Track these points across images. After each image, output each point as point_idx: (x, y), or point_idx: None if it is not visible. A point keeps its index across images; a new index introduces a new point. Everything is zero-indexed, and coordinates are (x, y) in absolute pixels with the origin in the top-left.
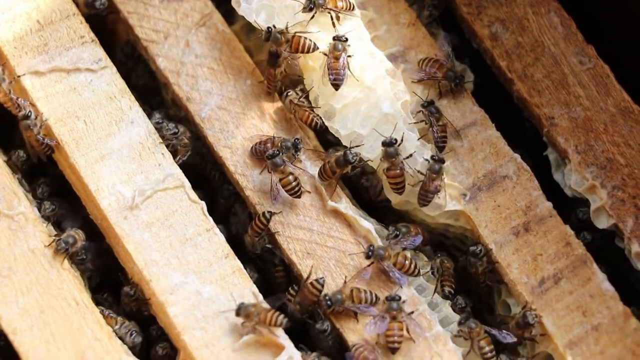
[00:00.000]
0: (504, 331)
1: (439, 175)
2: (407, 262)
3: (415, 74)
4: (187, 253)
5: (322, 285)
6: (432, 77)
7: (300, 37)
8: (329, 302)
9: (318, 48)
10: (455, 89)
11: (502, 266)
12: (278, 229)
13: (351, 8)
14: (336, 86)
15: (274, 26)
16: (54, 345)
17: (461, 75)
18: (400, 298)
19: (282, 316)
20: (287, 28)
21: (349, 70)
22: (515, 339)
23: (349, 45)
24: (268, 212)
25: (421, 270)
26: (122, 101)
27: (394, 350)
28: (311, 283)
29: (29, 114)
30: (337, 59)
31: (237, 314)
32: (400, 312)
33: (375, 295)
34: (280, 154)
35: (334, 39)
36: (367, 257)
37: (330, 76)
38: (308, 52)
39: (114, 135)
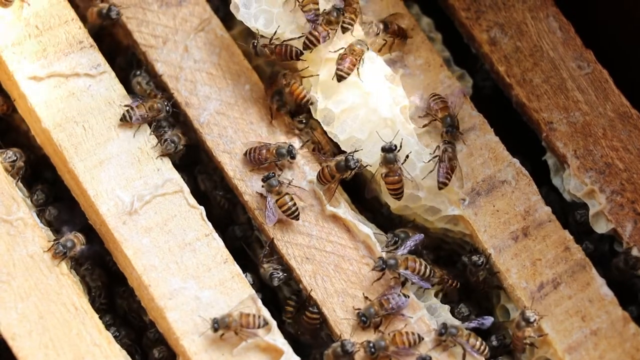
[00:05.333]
0: (479, 318)
1: (454, 155)
2: (417, 264)
3: (421, 104)
4: (186, 258)
5: (319, 316)
6: (431, 114)
7: (283, 45)
8: (363, 319)
9: (302, 53)
10: (445, 134)
11: (501, 271)
12: (277, 233)
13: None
14: (339, 77)
15: (257, 40)
16: (53, 351)
17: (456, 126)
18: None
19: (262, 318)
20: (270, 40)
21: (357, 72)
22: (491, 319)
23: (365, 53)
24: (264, 242)
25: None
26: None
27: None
28: (309, 311)
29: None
30: (352, 53)
31: (215, 329)
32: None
33: (404, 294)
34: (276, 175)
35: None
36: (381, 269)
37: (338, 65)
38: (292, 58)
39: (113, 141)
